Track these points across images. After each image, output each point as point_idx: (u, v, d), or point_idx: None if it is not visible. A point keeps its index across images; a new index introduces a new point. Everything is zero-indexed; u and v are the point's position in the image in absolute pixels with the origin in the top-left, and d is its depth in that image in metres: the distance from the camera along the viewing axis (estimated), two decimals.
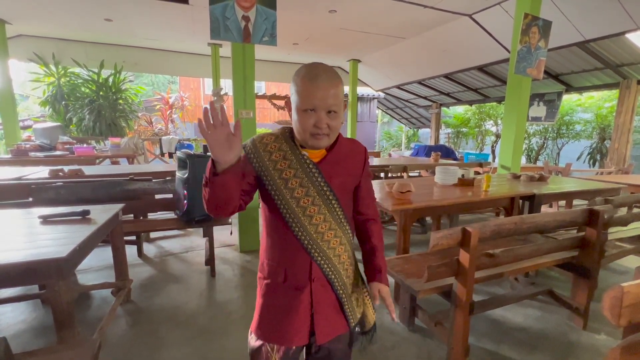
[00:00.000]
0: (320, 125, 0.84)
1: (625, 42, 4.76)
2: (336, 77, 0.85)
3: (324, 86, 0.82)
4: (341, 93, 0.86)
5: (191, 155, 2.62)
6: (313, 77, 0.82)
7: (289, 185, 0.89)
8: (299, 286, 0.92)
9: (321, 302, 0.93)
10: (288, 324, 0.92)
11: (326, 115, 0.84)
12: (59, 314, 1.34)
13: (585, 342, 1.92)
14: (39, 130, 5.71)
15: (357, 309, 1.01)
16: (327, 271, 0.93)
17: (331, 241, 0.92)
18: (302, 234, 0.90)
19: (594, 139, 8.23)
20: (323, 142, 0.87)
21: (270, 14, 2.90)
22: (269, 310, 0.95)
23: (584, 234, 2.00)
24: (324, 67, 0.85)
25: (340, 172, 0.94)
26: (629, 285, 0.81)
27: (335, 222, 0.93)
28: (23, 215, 1.85)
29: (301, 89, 0.83)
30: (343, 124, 7.22)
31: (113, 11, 5.12)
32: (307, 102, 0.82)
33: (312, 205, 0.90)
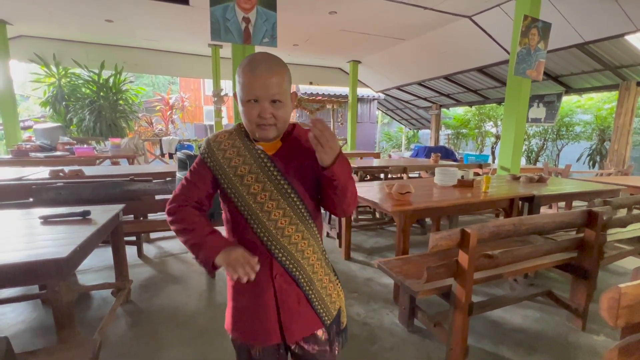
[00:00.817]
0: (264, 115, 0.82)
1: (624, 44, 4.77)
2: (278, 65, 0.83)
3: (264, 75, 0.80)
4: (285, 82, 0.84)
5: (191, 156, 2.63)
6: (253, 67, 0.81)
7: (245, 182, 0.87)
8: (261, 285, 0.89)
9: (287, 300, 0.90)
10: (259, 324, 0.91)
11: (270, 104, 0.82)
12: (59, 314, 1.34)
13: (584, 343, 1.93)
14: (39, 131, 5.72)
15: (332, 305, 0.96)
16: (289, 268, 0.89)
17: (292, 236, 0.89)
18: (260, 230, 0.87)
19: (594, 141, 8.25)
20: (270, 132, 0.85)
21: (271, 15, 2.91)
22: (239, 312, 0.93)
23: (583, 236, 2.01)
24: (265, 56, 0.83)
25: (298, 163, 0.90)
26: (627, 286, 0.81)
27: (297, 216, 0.89)
28: (23, 215, 1.85)
29: (243, 79, 0.82)
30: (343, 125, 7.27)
31: (114, 12, 5.14)
32: (249, 92, 0.81)
33: (270, 200, 0.87)
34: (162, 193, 2.86)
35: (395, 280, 1.85)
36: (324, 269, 0.97)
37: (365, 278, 2.72)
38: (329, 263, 1.01)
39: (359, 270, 2.86)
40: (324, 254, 0.98)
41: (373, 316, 2.16)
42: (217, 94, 6.94)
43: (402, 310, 2.07)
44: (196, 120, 15.17)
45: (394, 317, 2.16)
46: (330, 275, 1.00)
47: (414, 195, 2.35)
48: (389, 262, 2.00)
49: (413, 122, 12.80)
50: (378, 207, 2.34)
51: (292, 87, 0.90)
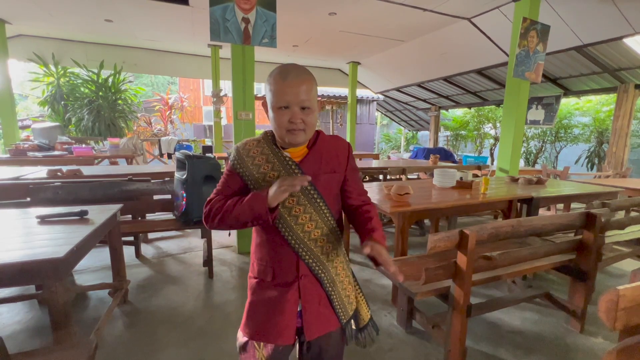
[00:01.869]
0: (294, 120, 0.86)
1: (623, 46, 4.79)
2: (307, 74, 0.88)
3: (295, 83, 0.84)
4: (313, 90, 0.88)
5: (190, 156, 2.62)
6: (284, 75, 0.85)
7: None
8: (286, 283, 0.93)
9: (309, 299, 0.95)
10: (274, 322, 0.93)
11: (300, 110, 0.86)
12: (56, 315, 1.33)
13: (583, 345, 1.93)
14: (37, 130, 5.70)
15: (349, 306, 1.02)
16: (314, 268, 0.94)
17: (318, 240, 0.94)
18: (288, 234, 0.91)
19: (592, 143, 8.28)
20: (299, 137, 0.89)
21: (270, 16, 2.91)
22: (257, 308, 0.96)
23: (582, 237, 2.01)
24: (295, 66, 0.88)
25: (323, 169, 0.95)
26: (625, 288, 0.81)
27: (322, 220, 0.94)
28: (20, 215, 1.84)
29: (274, 87, 0.86)
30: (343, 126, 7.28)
31: (113, 12, 5.13)
32: (281, 99, 0.85)
33: (297, 205, 0.92)
34: (160, 193, 2.86)
35: (394, 281, 1.84)
36: (345, 271, 1.03)
37: (363, 279, 2.71)
38: (349, 264, 1.07)
39: (358, 272, 2.85)
40: (345, 257, 1.04)
41: (373, 316, 2.16)
42: (216, 95, 6.94)
43: (400, 312, 2.07)
44: (195, 121, 15.16)
45: (392, 318, 2.15)
46: (350, 277, 1.05)
47: (413, 197, 2.35)
48: None
49: (412, 124, 12.81)
50: (377, 208, 2.33)
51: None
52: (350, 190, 1.02)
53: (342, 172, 0.99)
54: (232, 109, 3.28)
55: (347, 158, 1.00)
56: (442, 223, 3.94)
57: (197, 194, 2.58)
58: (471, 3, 4.55)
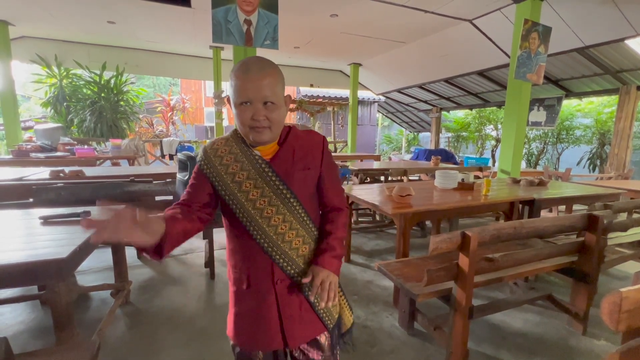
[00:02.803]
0: (257, 117, 0.81)
1: (624, 48, 4.79)
2: (271, 67, 0.82)
3: (256, 77, 0.79)
4: (278, 84, 0.83)
5: (192, 157, 2.63)
6: (245, 69, 0.80)
7: (243, 188, 0.86)
8: (262, 290, 0.89)
9: (288, 305, 0.90)
10: (260, 330, 0.90)
11: (263, 106, 0.81)
12: (58, 315, 1.34)
13: (585, 347, 1.92)
14: (40, 131, 5.73)
15: (333, 309, 0.97)
16: (290, 272, 0.89)
17: (293, 241, 0.89)
18: (260, 236, 0.86)
19: (594, 144, 8.25)
20: (264, 135, 0.84)
21: (272, 17, 2.92)
22: (241, 319, 0.93)
23: (584, 239, 2.00)
24: (257, 59, 0.83)
25: (296, 167, 0.89)
26: (628, 290, 0.81)
27: (297, 220, 0.89)
28: (23, 215, 1.85)
29: (235, 82, 0.81)
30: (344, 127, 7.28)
31: (116, 14, 5.15)
32: (242, 94, 0.80)
33: (269, 205, 0.86)
34: (162, 194, 2.86)
35: (395, 283, 1.84)
36: None
37: (365, 281, 2.71)
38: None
39: (359, 273, 2.85)
40: None
41: (373, 319, 2.16)
42: (217, 96, 6.95)
43: (402, 313, 2.06)
44: (197, 122, 15.18)
45: (393, 320, 2.15)
46: None
47: (415, 198, 2.35)
48: (389, 264, 2.00)
49: (413, 125, 12.81)
50: (378, 209, 2.34)
51: (286, 90, 0.89)
52: (326, 188, 0.96)
53: (317, 169, 0.93)
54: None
55: (321, 153, 0.94)
56: (443, 225, 3.93)
57: None
58: (472, 5, 4.56)
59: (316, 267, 0.89)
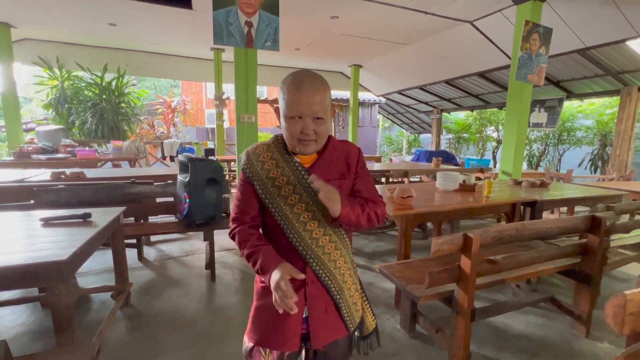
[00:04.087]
0: (307, 131, 0.85)
1: (625, 49, 4.78)
2: (321, 84, 0.86)
3: (309, 93, 0.83)
4: (327, 99, 0.87)
5: (193, 159, 2.63)
6: (298, 84, 0.83)
7: (283, 193, 0.91)
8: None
9: (316, 306, 0.93)
10: (280, 328, 0.92)
11: (312, 121, 0.85)
12: (59, 317, 1.33)
13: (588, 350, 1.90)
14: (41, 133, 5.75)
15: (356, 313, 1.01)
16: (321, 275, 0.93)
17: (326, 246, 0.93)
18: (296, 240, 0.91)
19: (595, 146, 8.23)
20: (310, 147, 0.89)
21: (273, 19, 2.93)
22: (262, 314, 0.95)
23: (586, 241, 1.99)
24: (309, 74, 0.86)
25: (332, 175, 0.94)
26: (632, 293, 0.80)
27: (330, 227, 0.94)
28: (24, 217, 1.85)
29: (287, 97, 0.84)
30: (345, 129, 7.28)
31: (117, 16, 5.17)
32: (294, 109, 0.84)
33: (306, 211, 0.91)
34: (163, 196, 2.86)
35: (397, 285, 1.83)
36: (352, 278, 1.01)
37: (366, 282, 2.70)
38: (356, 273, 1.06)
39: (360, 275, 2.81)
40: (353, 264, 1.03)
41: (377, 325, 2.14)
42: (218, 98, 6.97)
43: (403, 316, 2.05)
44: (198, 123, 15.20)
45: (395, 322, 2.14)
46: (357, 285, 1.04)
47: (416, 200, 2.34)
48: (391, 266, 1.99)
49: (414, 126, 12.80)
50: None
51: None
52: (359, 190, 0.99)
53: (351, 178, 0.98)
54: (235, 111, 3.29)
55: (357, 163, 0.99)
56: (444, 226, 3.92)
57: (199, 196, 2.59)
58: (473, 6, 4.56)
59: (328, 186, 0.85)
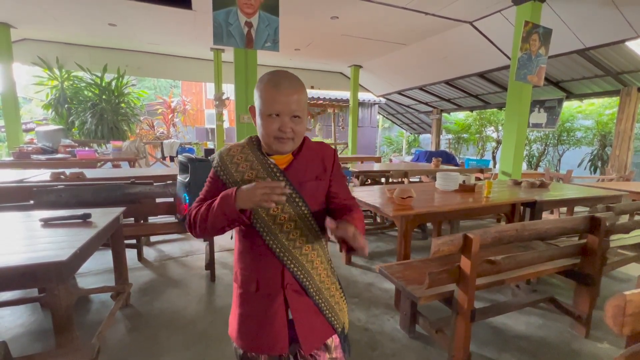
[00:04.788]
0: (284, 129, 0.85)
1: (625, 49, 4.79)
2: (299, 83, 0.87)
3: (287, 92, 0.84)
4: (304, 99, 0.88)
5: (192, 159, 2.63)
6: (276, 83, 0.84)
7: None
8: (271, 294, 0.91)
9: (299, 308, 0.92)
10: (266, 333, 0.91)
11: (290, 119, 0.86)
12: (58, 318, 1.33)
13: (588, 350, 1.90)
14: (41, 133, 5.75)
15: (340, 312, 1.00)
16: (299, 277, 0.92)
17: (303, 247, 0.92)
18: (273, 242, 0.89)
19: (595, 146, 8.24)
20: (288, 146, 0.88)
21: (273, 20, 2.93)
22: (245, 321, 0.94)
23: (586, 242, 1.99)
24: (286, 73, 0.87)
25: (309, 177, 0.93)
26: (632, 293, 0.80)
27: (307, 228, 0.93)
28: (24, 218, 1.85)
29: (265, 94, 0.85)
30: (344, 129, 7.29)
31: (117, 16, 5.17)
32: (271, 107, 0.84)
33: (282, 213, 0.90)
34: (162, 196, 2.86)
35: (397, 285, 1.83)
36: (330, 278, 1.00)
37: (366, 283, 2.70)
38: (334, 272, 1.04)
39: (360, 275, 2.84)
40: (329, 264, 1.01)
41: (374, 322, 2.15)
42: (218, 98, 6.97)
43: (403, 316, 2.05)
44: (197, 124, 15.19)
45: (395, 322, 2.14)
46: (336, 284, 1.03)
47: (415, 200, 2.34)
48: (391, 267, 1.99)
49: (414, 127, 12.81)
50: (379, 211, 2.33)
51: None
52: (335, 192, 0.99)
53: (327, 180, 0.97)
54: (235, 112, 3.29)
55: (332, 164, 0.98)
56: (444, 227, 3.92)
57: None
58: (473, 7, 4.57)
59: (350, 225, 0.81)
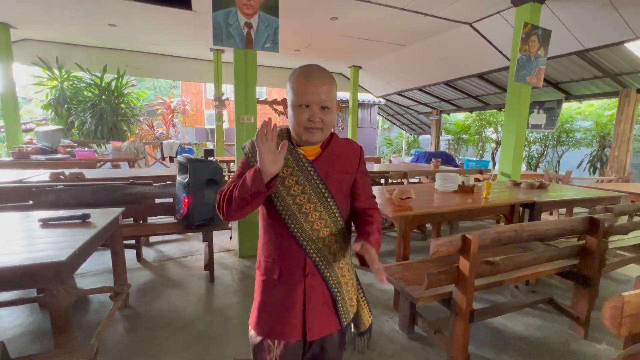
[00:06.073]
0: (314, 119, 0.88)
1: (624, 51, 4.79)
2: (329, 76, 0.90)
3: (317, 83, 0.86)
4: (333, 91, 0.90)
5: (192, 159, 2.63)
6: (307, 75, 0.87)
7: (286, 184, 0.92)
8: (293, 282, 0.94)
9: (314, 299, 0.95)
10: (284, 320, 0.94)
11: (319, 110, 0.88)
12: (57, 318, 1.33)
13: (586, 351, 1.91)
14: (40, 133, 5.74)
15: (351, 309, 1.02)
16: (321, 267, 0.94)
17: (327, 239, 0.95)
18: (297, 230, 0.92)
19: (594, 147, 8.25)
20: (317, 136, 0.90)
21: (273, 20, 2.93)
22: (266, 307, 0.97)
23: (585, 243, 2.00)
24: (317, 67, 0.90)
25: (335, 170, 0.96)
26: (630, 294, 0.81)
27: (331, 219, 0.95)
28: (23, 218, 1.84)
29: (296, 86, 0.88)
30: (344, 130, 7.28)
31: (117, 16, 5.17)
32: (302, 97, 0.87)
33: (308, 202, 0.92)
34: (162, 196, 2.86)
35: (396, 286, 1.83)
36: (350, 273, 1.03)
37: (365, 284, 2.70)
38: (354, 268, 1.07)
39: (360, 276, 2.81)
40: (351, 259, 1.05)
41: (373, 322, 2.14)
42: (218, 98, 6.97)
43: (402, 317, 2.05)
44: (197, 124, 15.19)
45: (394, 323, 2.14)
46: (354, 280, 1.06)
47: (415, 201, 2.34)
48: (390, 267, 1.99)
49: (413, 128, 12.82)
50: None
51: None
52: (359, 192, 1.03)
53: (353, 174, 1.01)
54: (235, 112, 3.29)
55: (358, 161, 1.02)
56: (443, 227, 3.92)
57: (198, 197, 2.59)
58: (472, 8, 4.57)
59: (372, 248, 0.91)
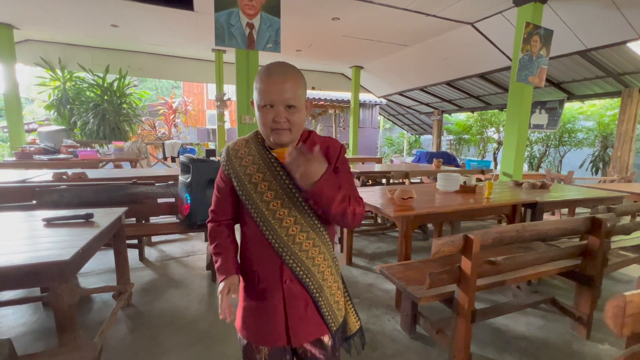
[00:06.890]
0: (279, 119, 0.84)
1: (626, 51, 4.78)
2: (293, 72, 0.85)
3: (278, 80, 0.82)
4: (300, 88, 0.85)
5: (194, 159, 2.64)
6: (269, 73, 0.83)
7: (259, 189, 0.89)
8: (270, 288, 0.92)
9: (294, 305, 0.92)
10: (266, 326, 0.93)
11: (285, 109, 0.83)
12: (61, 317, 1.34)
13: (589, 351, 1.90)
14: (43, 134, 5.77)
15: (338, 312, 0.98)
16: (299, 273, 0.90)
17: (303, 243, 0.90)
18: (272, 237, 0.88)
19: (596, 147, 8.22)
20: (284, 137, 0.86)
21: (274, 21, 2.94)
22: (248, 313, 0.96)
23: (587, 243, 1.99)
24: (280, 64, 0.86)
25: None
26: (632, 294, 0.81)
27: (308, 224, 0.90)
28: (27, 217, 1.86)
29: (259, 85, 0.84)
30: (345, 130, 7.29)
31: (119, 17, 5.20)
32: (265, 97, 0.83)
33: (282, 207, 0.89)
34: (164, 196, 2.87)
35: (398, 286, 1.84)
36: (333, 276, 0.98)
37: (367, 283, 2.70)
38: (339, 270, 1.03)
39: (361, 276, 2.84)
40: (334, 262, 0.99)
41: (375, 322, 2.15)
42: (220, 99, 6.99)
43: (404, 317, 2.06)
44: (199, 124, 15.22)
45: (395, 323, 2.14)
46: (339, 283, 1.02)
47: (416, 201, 2.35)
48: (391, 267, 1.99)
49: (415, 128, 12.81)
50: (380, 212, 2.33)
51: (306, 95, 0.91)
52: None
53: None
54: (237, 112, 3.30)
55: (337, 157, 0.92)
56: (445, 227, 3.92)
57: (200, 197, 2.60)
58: (474, 8, 4.57)
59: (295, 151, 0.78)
